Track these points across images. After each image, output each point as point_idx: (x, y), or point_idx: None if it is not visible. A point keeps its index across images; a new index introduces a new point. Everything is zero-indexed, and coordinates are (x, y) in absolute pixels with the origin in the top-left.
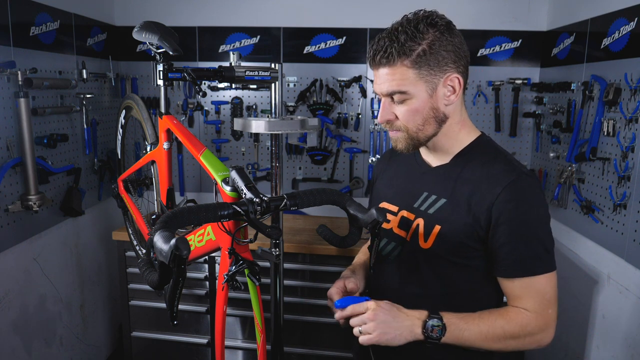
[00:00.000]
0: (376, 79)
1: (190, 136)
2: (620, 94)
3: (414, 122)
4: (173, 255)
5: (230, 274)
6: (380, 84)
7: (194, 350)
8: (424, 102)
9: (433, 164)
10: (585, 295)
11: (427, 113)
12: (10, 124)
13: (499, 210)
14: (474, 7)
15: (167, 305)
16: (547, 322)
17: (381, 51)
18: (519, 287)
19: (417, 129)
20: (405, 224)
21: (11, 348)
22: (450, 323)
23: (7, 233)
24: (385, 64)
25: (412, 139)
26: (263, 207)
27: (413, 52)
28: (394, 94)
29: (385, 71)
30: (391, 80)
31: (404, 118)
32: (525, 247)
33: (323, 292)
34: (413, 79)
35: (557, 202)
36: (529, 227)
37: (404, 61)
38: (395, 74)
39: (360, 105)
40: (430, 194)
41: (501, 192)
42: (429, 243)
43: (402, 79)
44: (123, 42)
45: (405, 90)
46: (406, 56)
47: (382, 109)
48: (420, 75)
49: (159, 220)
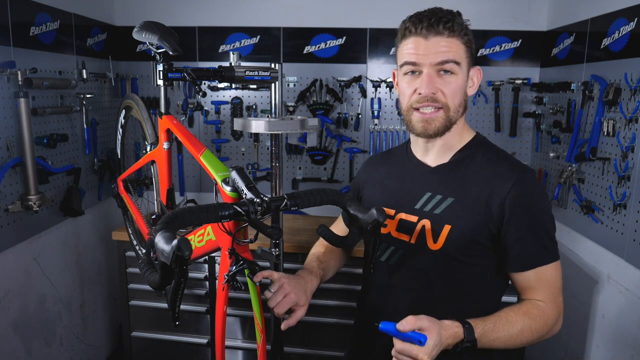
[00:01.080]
0: (425, 48)
1: (190, 136)
2: (620, 94)
3: (455, 100)
4: (175, 255)
5: (231, 274)
6: (434, 53)
7: (193, 350)
8: (464, 82)
9: (432, 164)
10: (585, 295)
11: (463, 96)
12: (10, 124)
13: (511, 205)
14: (474, 7)
15: (169, 306)
16: (559, 310)
17: (443, 20)
18: (533, 279)
19: (455, 109)
20: (406, 226)
21: (11, 348)
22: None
23: (7, 233)
24: (445, 34)
25: (448, 120)
26: (264, 208)
27: (466, 34)
28: (450, 62)
29: (445, 41)
30: (448, 50)
31: (450, 93)
32: (535, 239)
33: (323, 292)
34: (464, 56)
35: (557, 202)
36: (538, 220)
37: (462, 36)
38: (453, 45)
39: (360, 105)
40: (434, 194)
41: (511, 188)
42: (439, 244)
43: (458, 51)
44: (123, 42)
45: (460, 61)
46: (463, 33)
47: (429, 81)
48: (467, 55)
49: (159, 221)
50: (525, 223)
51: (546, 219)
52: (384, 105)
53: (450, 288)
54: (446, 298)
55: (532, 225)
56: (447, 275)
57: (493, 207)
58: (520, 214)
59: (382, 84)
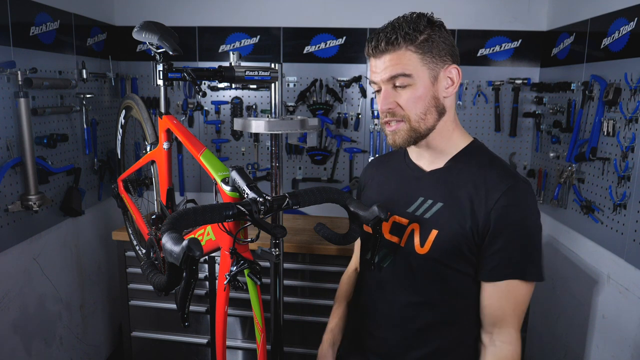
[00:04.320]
0: (377, 67)
1: (190, 136)
2: (620, 94)
3: (416, 110)
4: (185, 256)
5: (232, 274)
6: (382, 70)
7: (193, 350)
8: (426, 89)
9: (427, 168)
10: (585, 295)
11: (429, 102)
12: (10, 124)
13: (498, 215)
14: (474, 7)
15: (178, 307)
16: (519, 334)
17: (385, 38)
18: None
19: (419, 118)
20: (398, 229)
21: (11, 348)
22: None
23: (7, 233)
24: (390, 50)
25: (413, 131)
26: (266, 207)
27: (417, 38)
28: (398, 77)
29: (390, 57)
30: (396, 64)
31: (407, 105)
32: (520, 251)
33: (323, 292)
34: (417, 63)
35: (557, 202)
36: (526, 232)
37: (409, 46)
38: (401, 58)
39: (360, 105)
40: (426, 198)
41: (500, 198)
42: (425, 248)
43: (407, 63)
44: (123, 42)
45: (410, 73)
46: (411, 42)
47: (384, 97)
48: (424, 61)
49: (165, 222)
50: (511, 233)
51: (535, 235)
52: None
53: (438, 293)
54: (434, 303)
55: (518, 237)
56: (434, 280)
57: (479, 216)
58: (508, 224)
59: None
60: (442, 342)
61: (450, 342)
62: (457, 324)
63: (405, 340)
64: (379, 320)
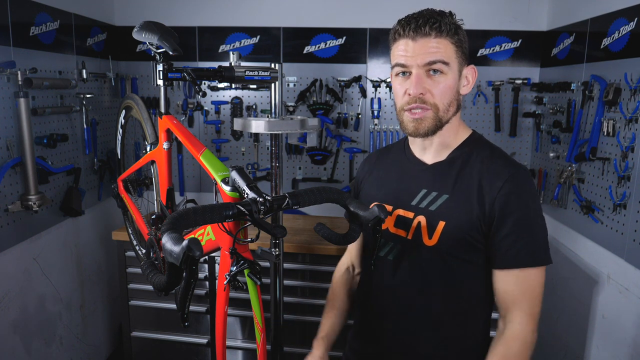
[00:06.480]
0: (413, 50)
1: (190, 136)
2: (620, 94)
3: (444, 99)
4: (185, 256)
5: (232, 274)
6: (422, 54)
7: (193, 350)
8: (455, 81)
9: (429, 161)
10: (585, 295)
11: (454, 95)
12: (10, 124)
13: (502, 202)
14: (474, 7)
15: (178, 307)
16: (536, 321)
17: (430, 21)
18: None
19: (445, 109)
20: (403, 222)
21: (11, 348)
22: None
23: (7, 233)
24: (433, 35)
25: (438, 120)
26: (267, 207)
27: (456, 33)
28: (437, 62)
29: (432, 41)
30: (437, 50)
31: (439, 93)
32: (530, 236)
33: (323, 292)
34: (453, 55)
35: (557, 202)
36: (531, 218)
37: (450, 37)
38: (441, 45)
39: (360, 105)
40: (430, 190)
41: (503, 185)
42: (433, 240)
43: (448, 51)
44: (123, 42)
45: (448, 61)
46: (453, 33)
47: (417, 82)
48: (457, 55)
49: (165, 222)
50: (518, 219)
51: (539, 219)
52: (383, 105)
53: (447, 285)
54: (443, 295)
55: (525, 222)
56: (443, 272)
57: (485, 205)
58: (513, 211)
59: (382, 84)
60: (452, 332)
61: (460, 332)
62: (466, 313)
63: (415, 331)
64: (388, 312)
